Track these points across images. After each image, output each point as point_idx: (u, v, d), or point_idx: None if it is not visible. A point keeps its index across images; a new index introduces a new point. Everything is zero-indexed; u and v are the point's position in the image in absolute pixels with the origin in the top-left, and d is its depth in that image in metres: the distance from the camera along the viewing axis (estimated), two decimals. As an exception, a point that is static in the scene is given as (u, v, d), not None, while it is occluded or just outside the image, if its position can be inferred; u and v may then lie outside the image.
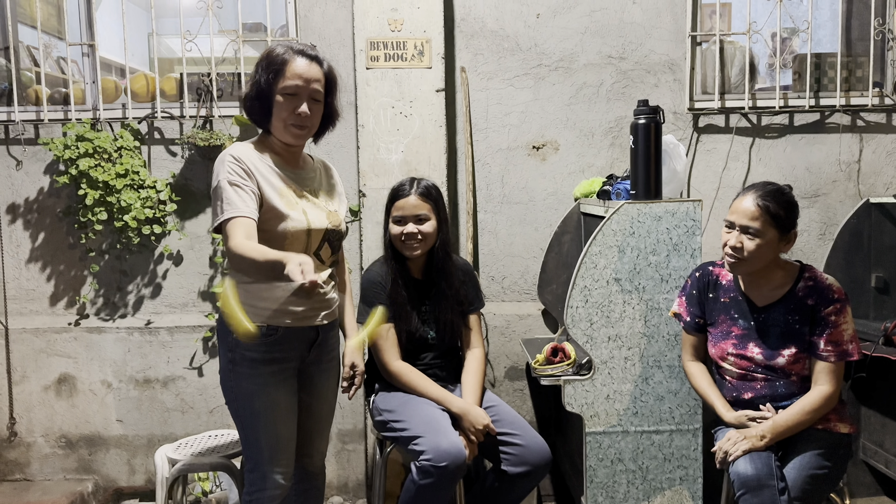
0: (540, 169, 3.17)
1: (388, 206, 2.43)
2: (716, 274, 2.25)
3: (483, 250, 3.20)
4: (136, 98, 3.13)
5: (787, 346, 2.07)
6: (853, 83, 3.13)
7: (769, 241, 2.04)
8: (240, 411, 2.02)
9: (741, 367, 2.15)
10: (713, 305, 2.22)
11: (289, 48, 1.94)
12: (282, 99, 1.92)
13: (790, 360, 2.07)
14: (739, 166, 3.12)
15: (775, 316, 2.10)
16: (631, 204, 2.39)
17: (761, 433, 2.01)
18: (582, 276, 2.41)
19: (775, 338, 2.09)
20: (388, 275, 2.43)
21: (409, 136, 2.92)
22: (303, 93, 1.92)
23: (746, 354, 2.13)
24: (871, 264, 3.07)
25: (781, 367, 2.08)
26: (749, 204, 2.05)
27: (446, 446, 2.14)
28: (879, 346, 2.61)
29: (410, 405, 2.32)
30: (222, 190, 1.85)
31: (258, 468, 2.03)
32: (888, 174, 3.14)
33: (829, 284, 2.08)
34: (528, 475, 2.32)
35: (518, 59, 3.12)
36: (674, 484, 2.45)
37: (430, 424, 2.22)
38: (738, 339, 2.14)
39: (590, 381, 2.43)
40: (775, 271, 2.13)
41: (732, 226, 2.08)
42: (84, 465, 3.21)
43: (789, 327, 2.08)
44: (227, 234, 1.82)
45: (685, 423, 2.43)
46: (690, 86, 3.11)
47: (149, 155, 3.12)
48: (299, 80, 1.91)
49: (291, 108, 1.92)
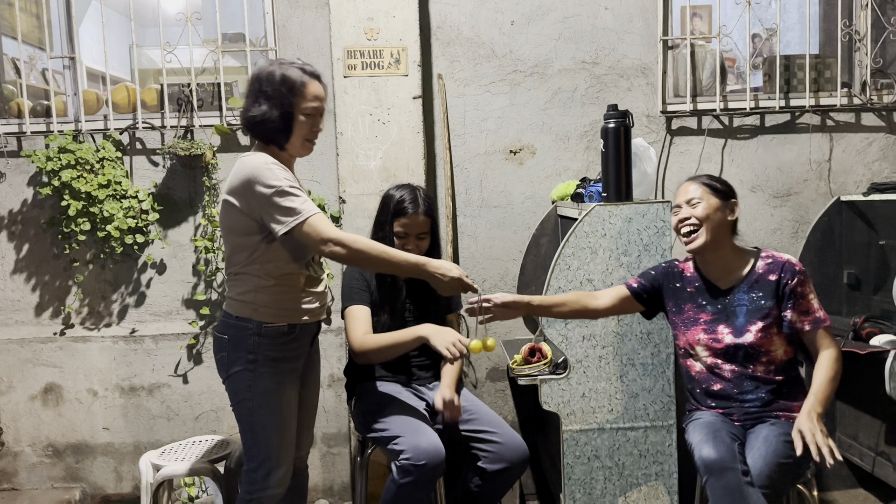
0: (517, 173, 3.22)
1: (389, 218, 2.45)
2: (681, 268, 2.32)
3: (463, 254, 3.25)
4: (118, 109, 3.16)
5: (754, 321, 2.14)
6: (822, 84, 3.20)
7: (712, 206, 2.16)
8: (256, 410, 2.08)
9: (712, 353, 2.19)
10: (680, 295, 2.28)
11: (301, 70, 2.07)
12: (304, 119, 2.06)
13: (758, 336, 2.13)
14: (712, 167, 3.18)
15: (740, 296, 2.18)
16: (602, 206, 2.45)
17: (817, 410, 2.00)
18: (556, 277, 2.46)
19: (742, 316, 2.17)
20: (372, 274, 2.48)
21: (388, 142, 2.97)
22: (319, 112, 2.10)
23: (717, 337, 2.18)
24: (842, 261, 3.14)
25: (750, 344, 2.13)
26: (687, 185, 2.23)
27: (425, 445, 2.18)
28: (849, 341, 2.68)
29: (390, 406, 2.36)
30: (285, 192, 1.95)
31: (263, 466, 2.09)
32: (858, 172, 3.21)
33: (787, 259, 2.17)
34: (506, 472, 2.37)
35: (494, 65, 3.17)
36: (650, 479, 2.50)
37: (409, 425, 2.27)
38: (707, 323, 2.21)
39: (565, 380, 2.48)
40: (733, 256, 2.23)
41: (678, 207, 2.22)
42: (71, 473, 3.24)
43: (754, 304, 2.15)
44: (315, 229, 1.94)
45: (659, 420, 2.48)
46: (663, 89, 3.17)
47: (131, 165, 3.15)
48: (317, 102, 2.08)
49: (310, 126, 2.08)
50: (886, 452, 2.89)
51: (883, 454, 2.92)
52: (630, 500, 2.50)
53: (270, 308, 2.05)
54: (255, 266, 2.04)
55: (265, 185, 1.95)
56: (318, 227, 1.95)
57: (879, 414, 2.92)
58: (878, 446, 2.94)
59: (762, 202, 3.20)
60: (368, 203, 2.95)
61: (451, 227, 3.18)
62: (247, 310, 2.05)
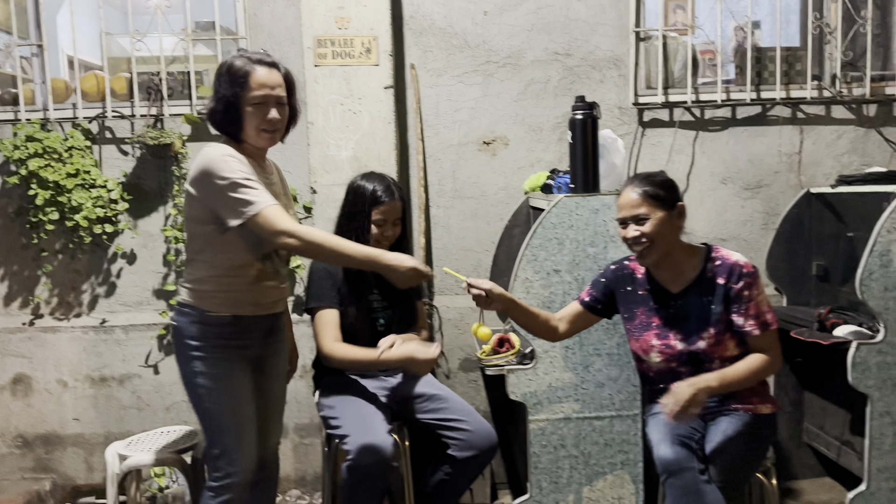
0: (490, 164, 3.22)
1: (365, 208, 2.44)
2: (631, 268, 2.29)
3: (436, 244, 3.25)
4: (87, 98, 3.14)
5: (706, 328, 2.11)
6: (793, 76, 3.21)
7: (661, 220, 2.10)
8: (207, 397, 2.08)
9: (665, 357, 2.18)
10: (631, 299, 2.26)
11: (247, 59, 2.03)
12: (251, 109, 2.02)
13: (711, 343, 2.11)
14: (683, 159, 3.20)
15: (691, 299, 2.15)
16: (569, 197, 2.46)
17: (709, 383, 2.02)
18: (523, 268, 2.47)
19: (693, 322, 2.13)
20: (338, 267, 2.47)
21: (359, 132, 2.96)
22: (269, 100, 2.02)
23: (670, 343, 2.16)
24: (811, 253, 3.16)
25: (704, 351, 2.12)
26: (629, 196, 2.13)
27: (370, 446, 2.20)
28: (813, 332, 2.70)
29: (346, 403, 2.38)
30: (239, 185, 1.94)
31: (226, 453, 2.09)
32: (828, 165, 3.23)
33: (735, 261, 2.13)
34: (475, 459, 2.40)
35: (467, 55, 3.17)
36: (615, 468, 2.52)
37: (360, 423, 2.28)
38: (660, 328, 2.18)
39: (532, 370, 2.49)
40: (682, 256, 2.18)
41: (625, 221, 2.15)
42: (41, 464, 3.23)
43: (705, 309, 2.12)
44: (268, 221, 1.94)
45: (625, 409, 2.50)
46: (635, 81, 3.17)
47: (100, 154, 3.13)
48: (264, 90, 2.01)
49: (262, 116, 2.02)
50: (851, 441, 2.93)
51: (847, 443, 2.95)
52: (596, 489, 2.52)
53: (215, 298, 2.06)
54: (206, 254, 2.05)
55: (219, 176, 1.94)
56: (272, 219, 1.94)
57: (844, 404, 2.95)
58: (843, 435, 2.98)
59: (733, 194, 3.22)
60: (340, 193, 2.90)
61: (423, 218, 3.18)
62: (193, 297, 2.07)
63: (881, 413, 2.43)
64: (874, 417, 2.43)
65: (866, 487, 2.45)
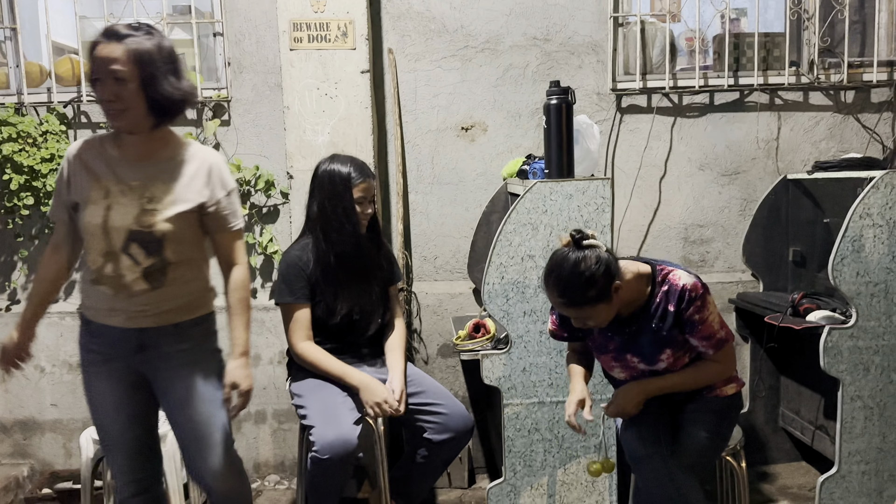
0: (469, 150, 3.22)
1: (346, 191, 2.41)
2: None
3: (415, 230, 3.25)
4: (62, 82, 3.11)
5: (663, 350, 2.04)
6: (771, 62, 3.21)
7: (605, 308, 1.93)
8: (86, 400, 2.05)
9: (629, 375, 2.14)
10: None
11: (102, 32, 1.84)
12: (94, 84, 1.85)
13: (670, 362, 2.05)
14: (661, 145, 3.20)
15: (643, 325, 2.04)
16: (543, 182, 2.46)
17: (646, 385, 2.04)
18: (498, 253, 2.47)
19: (648, 345, 2.05)
20: (309, 256, 2.46)
21: (336, 117, 2.95)
22: (103, 76, 1.81)
23: (629, 364, 2.11)
24: (788, 239, 3.18)
25: (664, 368, 2.07)
26: (564, 308, 1.95)
27: (332, 439, 2.22)
28: (787, 317, 2.72)
29: (315, 392, 2.38)
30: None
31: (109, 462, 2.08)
32: (805, 151, 3.24)
33: (682, 286, 1.98)
34: (451, 441, 2.43)
35: (445, 40, 3.15)
36: (589, 451, 2.54)
37: (324, 414, 2.29)
38: (616, 352, 2.11)
39: (506, 355, 2.50)
40: (632, 289, 2.01)
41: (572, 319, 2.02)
42: (19, 449, 3.22)
43: (657, 334, 2.03)
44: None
45: (598, 393, 2.51)
46: (613, 67, 3.17)
47: (75, 139, 3.10)
48: (98, 63, 1.81)
49: (100, 93, 1.84)
50: (825, 426, 2.96)
51: (822, 427, 2.98)
52: (569, 472, 2.54)
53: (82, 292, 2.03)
54: None
55: None
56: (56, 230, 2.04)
57: (818, 388, 2.98)
58: (818, 420, 3.01)
59: (710, 180, 3.23)
60: (316, 179, 2.93)
61: (402, 204, 3.18)
62: None
63: (852, 397, 2.46)
64: (846, 401, 2.46)
65: (837, 471, 2.48)
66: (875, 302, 2.41)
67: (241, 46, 3.11)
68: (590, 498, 2.55)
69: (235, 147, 3.13)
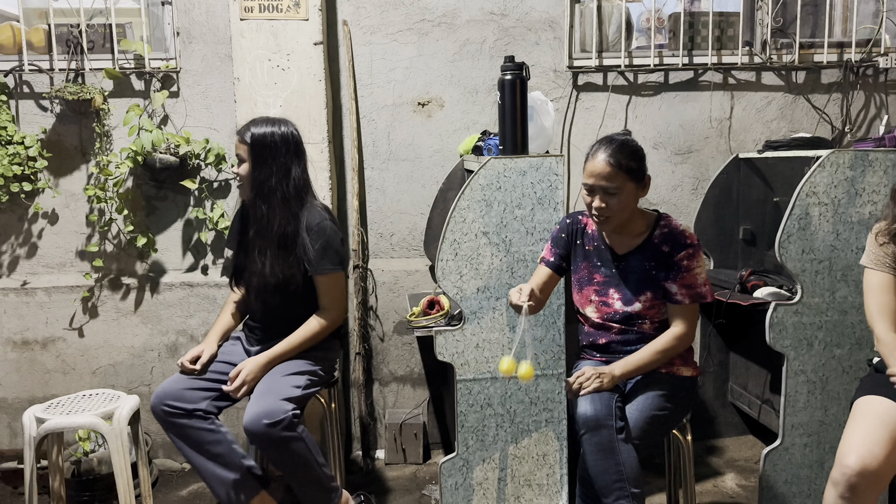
0: (426, 126, 3.19)
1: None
2: (584, 223, 2.31)
3: (371, 207, 3.22)
4: (3, 50, 2.99)
5: (644, 292, 2.16)
6: (725, 42, 3.24)
7: (630, 194, 2.11)
8: None
9: (602, 314, 2.23)
10: (579, 252, 2.29)
11: None
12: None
13: (646, 306, 2.16)
14: (617, 123, 3.21)
15: (634, 263, 2.18)
16: (497, 159, 2.44)
17: (613, 371, 2.10)
18: (451, 229, 2.46)
19: (633, 284, 2.17)
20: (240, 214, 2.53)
21: (288, 90, 2.89)
22: None
23: (608, 301, 2.21)
24: (739, 217, 3.23)
25: (638, 313, 2.17)
26: (602, 164, 2.08)
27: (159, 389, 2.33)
28: (734, 293, 2.77)
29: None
30: None
31: None
32: (757, 131, 3.28)
33: (682, 231, 2.17)
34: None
35: (401, 13, 3.11)
36: (540, 426, 2.56)
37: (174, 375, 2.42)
38: (600, 285, 2.22)
39: (460, 332, 2.50)
40: (635, 220, 2.20)
41: (592, 189, 2.11)
42: (-38, 430, 3.13)
43: (646, 273, 2.16)
44: None
45: (550, 369, 2.53)
46: (570, 44, 3.16)
47: (17, 109, 2.99)
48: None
49: None
50: (770, 400, 3.03)
51: (768, 402, 3.06)
52: (521, 447, 2.56)
53: None
54: None
55: None
56: None
57: (765, 364, 3.05)
58: (764, 394, 3.08)
59: (664, 159, 3.26)
60: (269, 153, 2.87)
61: (357, 181, 3.14)
62: None
63: (796, 371, 2.51)
64: (790, 376, 2.51)
65: (781, 443, 2.54)
66: (819, 279, 2.46)
67: (191, 16, 3.02)
68: (540, 471, 2.57)
69: (184, 119, 3.05)
